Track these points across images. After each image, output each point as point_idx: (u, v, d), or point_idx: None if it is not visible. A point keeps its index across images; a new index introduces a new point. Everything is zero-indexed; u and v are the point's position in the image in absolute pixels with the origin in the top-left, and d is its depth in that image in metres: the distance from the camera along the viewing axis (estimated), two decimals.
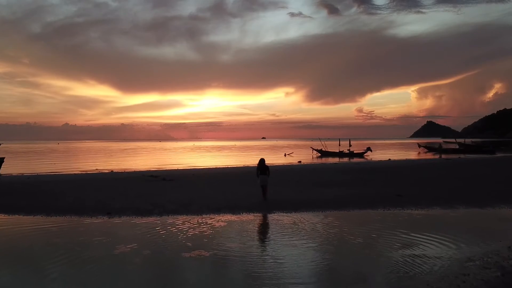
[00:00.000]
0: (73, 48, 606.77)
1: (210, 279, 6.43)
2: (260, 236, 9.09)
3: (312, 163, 37.47)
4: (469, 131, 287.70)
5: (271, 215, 11.27)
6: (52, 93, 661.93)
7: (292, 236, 8.79)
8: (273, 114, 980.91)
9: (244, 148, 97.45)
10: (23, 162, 44.69)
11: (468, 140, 76.02)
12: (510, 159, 38.67)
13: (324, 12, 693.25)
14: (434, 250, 7.72)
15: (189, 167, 32.89)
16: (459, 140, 70.55)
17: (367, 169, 25.55)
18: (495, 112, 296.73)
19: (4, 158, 30.69)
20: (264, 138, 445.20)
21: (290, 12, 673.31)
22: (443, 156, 46.49)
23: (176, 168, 32.32)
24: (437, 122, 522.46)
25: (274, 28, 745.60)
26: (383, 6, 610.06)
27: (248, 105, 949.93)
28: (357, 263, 7.11)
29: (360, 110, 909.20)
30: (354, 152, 50.02)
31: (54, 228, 9.94)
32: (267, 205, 12.50)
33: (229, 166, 34.08)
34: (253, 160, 12.48)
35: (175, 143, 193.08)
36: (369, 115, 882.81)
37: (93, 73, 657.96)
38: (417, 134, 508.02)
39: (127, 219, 10.85)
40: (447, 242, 8.27)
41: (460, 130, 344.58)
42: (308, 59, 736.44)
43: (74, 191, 15.68)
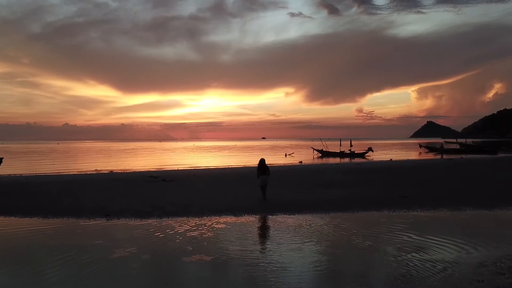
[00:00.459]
0: (73, 48, 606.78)
1: (211, 285, 6.15)
2: (263, 239, 8.80)
3: (313, 163, 37.17)
4: (469, 131, 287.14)
5: (274, 217, 10.99)
6: (52, 93, 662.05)
7: (296, 240, 8.51)
8: (273, 114, 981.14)
9: (244, 148, 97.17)
10: (23, 162, 44.43)
11: (469, 140, 75.67)
12: None
13: (324, 12, 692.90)
14: (445, 253, 7.44)
15: (189, 168, 32.61)
16: (460, 140, 70.29)
17: (369, 170, 25.27)
18: (495, 112, 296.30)
19: (2, 158, 30.43)
20: (264, 138, 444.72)
21: (290, 12, 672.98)
22: (444, 157, 46.20)
23: (176, 168, 32.03)
24: (437, 122, 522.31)
25: (274, 28, 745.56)
26: (383, 6, 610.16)
27: (248, 105, 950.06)
28: (366, 268, 6.83)
29: (360, 110, 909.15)
30: (355, 152, 49.71)
31: (50, 231, 9.65)
32: (268, 206, 12.22)
33: (229, 166, 33.81)
34: (254, 160, 12.32)
35: (175, 143, 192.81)
36: (369, 115, 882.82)
37: (93, 73, 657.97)
38: (417, 134, 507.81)
39: (126, 222, 10.57)
40: (457, 245, 7.99)
41: (460, 130, 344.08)
42: (308, 59, 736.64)
43: (73, 192, 15.40)
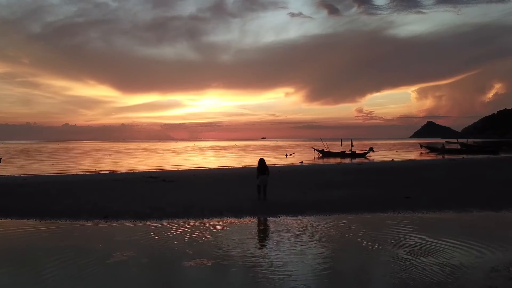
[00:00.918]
0: (73, 48, 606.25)
1: None
2: (265, 242, 8.50)
3: (315, 163, 36.93)
4: (469, 131, 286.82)
5: (276, 218, 10.72)
6: (52, 93, 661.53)
7: (301, 243, 8.22)
8: (273, 114, 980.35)
9: (245, 148, 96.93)
10: (22, 162, 44.20)
11: (470, 141, 75.43)
12: None
13: (324, 12, 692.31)
14: (455, 257, 7.16)
15: (190, 168, 32.35)
16: (461, 140, 70.10)
17: (371, 170, 25.02)
18: (495, 112, 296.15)
19: (1, 158, 30.20)
20: (264, 138, 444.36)
21: (290, 12, 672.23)
22: (446, 157, 45.95)
23: (176, 168, 31.79)
24: (437, 122, 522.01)
25: (274, 28, 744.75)
26: (383, 7, 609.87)
27: (248, 105, 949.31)
28: (378, 272, 6.55)
29: (360, 110, 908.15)
30: (356, 152, 49.47)
31: (46, 233, 9.37)
32: (270, 207, 11.95)
33: (230, 167, 33.57)
34: (255, 160, 12.24)
35: (175, 143, 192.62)
36: (369, 115, 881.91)
37: (93, 73, 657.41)
38: (417, 134, 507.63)
39: (125, 224, 10.30)
40: (466, 248, 7.72)
41: (460, 130, 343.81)
42: (308, 59, 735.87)
43: (71, 193, 15.15)
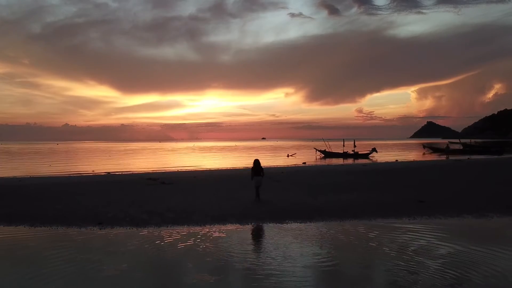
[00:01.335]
0: (73, 48, 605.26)
1: None
2: (276, 255, 7.56)
3: (318, 164, 36.15)
4: (470, 132, 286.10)
5: (284, 225, 9.95)
6: (52, 93, 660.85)
7: (313, 254, 7.44)
8: (273, 115, 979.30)
9: (245, 148, 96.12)
10: (19, 163, 43.46)
11: (472, 141, 74.64)
12: None
13: (325, 13, 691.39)
14: (496, 267, 6.40)
15: (190, 169, 31.57)
16: (463, 140, 69.26)
17: (377, 171, 24.23)
18: (496, 112, 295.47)
19: None
20: (264, 138, 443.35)
21: (290, 13, 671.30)
22: (450, 157, 45.16)
23: (176, 170, 31.00)
24: (437, 123, 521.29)
25: (274, 28, 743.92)
26: (384, 7, 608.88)
27: (248, 106, 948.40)
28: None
29: (360, 111, 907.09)
30: (359, 153, 48.70)
31: (33, 242, 8.61)
32: (277, 212, 11.17)
33: (231, 168, 32.80)
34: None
35: (175, 143, 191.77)
36: (369, 115, 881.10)
37: (93, 74, 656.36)
38: (417, 134, 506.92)
39: (120, 231, 9.53)
40: (505, 256, 6.97)
41: (460, 131, 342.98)
42: (308, 60, 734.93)
43: (65, 196, 14.37)
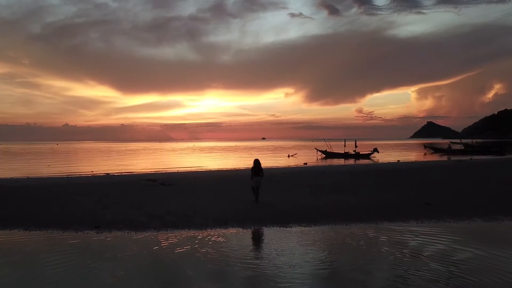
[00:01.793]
0: (73, 48, 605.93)
1: None
2: (280, 261, 7.17)
3: (319, 165, 35.77)
4: (470, 132, 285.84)
5: (288, 229, 9.58)
6: (52, 93, 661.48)
7: (322, 261, 7.06)
8: (273, 115, 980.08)
9: (246, 149, 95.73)
10: (18, 163, 43.12)
11: (474, 141, 74.30)
12: None
13: (325, 13, 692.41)
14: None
15: (190, 170, 31.20)
16: (464, 141, 68.89)
17: (380, 172, 23.87)
18: (496, 112, 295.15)
19: None
20: (264, 138, 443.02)
21: (290, 13, 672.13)
22: (452, 158, 44.78)
23: (176, 170, 30.64)
24: (437, 123, 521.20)
25: (274, 28, 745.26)
26: (384, 7, 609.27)
27: (248, 106, 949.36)
28: None
29: (360, 111, 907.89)
30: (360, 153, 48.30)
31: (28, 247, 8.24)
32: (280, 215, 10.81)
33: (232, 168, 32.43)
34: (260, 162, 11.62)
35: (175, 143, 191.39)
36: (369, 115, 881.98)
37: (93, 74, 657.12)
38: (417, 134, 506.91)
39: (118, 235, 9.17)
40: None
41: (460, 131, 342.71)
42: (308, 60, 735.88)
43: (63, 198, 14.00)
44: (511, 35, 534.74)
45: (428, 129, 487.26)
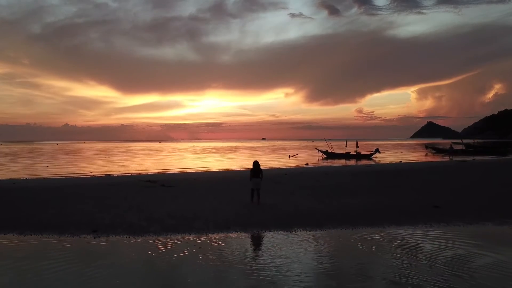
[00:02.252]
0: (73, 48, 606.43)
1: None
2: (288, 270, 6.72)
3: (321, 165, 35.42)
4: (470, 132, 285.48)
5: (293, 233, 9.21)
6: (52, 93, 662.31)
7: (333, 269, 6.66)
8: (273, 115, 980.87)
9: (246, 149, 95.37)
10: (17, 164, 42.79)
11: (475, 141, 73.89)
12: None
13: (325, 13, 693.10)
14: None
15: (190, 171, 30.83)
16: (466, 141, 68.54)
17: (383, 173, 23.52)
18: (496, 112, 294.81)
19: None
20: (264, 138, 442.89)
21: (290, 13, 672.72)
22: (454, 158, 44.44)
23: (176, 171, 30.27)
24: (437, 123, 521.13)
25: (274, 28, 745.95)
26: (384, 7, 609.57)
27: (248, 106, 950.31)
28: None
29: (360, 111, 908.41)
30: (362, 154, 47.94)
31: (21, 252, 7.87)
32: (283, 218, 10.45)
33: (233, 169, 32.06)
34: (261, 162, 11.28)
35: (175, 144, 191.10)
36: (369, 115, 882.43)
37: (93, 74, 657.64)
38: (417, 134, 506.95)
39: (116, 240, 8.81)
40: None
41: (460, 131, 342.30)
42: (308, 60, 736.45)
43: (60, 201, 13.65)
44: (511, 35, 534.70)
45: (428, 129, 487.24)
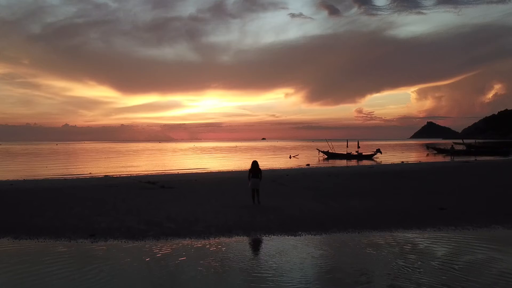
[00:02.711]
0: (73, 49, 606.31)
1: None
2: (293, 276, 6.41)
3: (322, 166, 35.12)
4: (470, 132, 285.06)
5: (297, 237, 8.89)
6: (52, 94, 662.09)
7: (340, 277, 6.31)
8: (273, 115, 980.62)
9: (247, 149, 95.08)
10: (16, 164, 42.52)
11: (477, 141, 73.55)
12: None
13: (325, 13, 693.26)
14: None
15: (191, 171, 30.51)
16: (467, 141, 68.22)
17: (386, 174, 23.19)
18: (496, 113, 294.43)
19: None
20: (264, 139, 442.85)
21: (290, 13, 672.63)
22: (456, 159, 44.15)
23: (177, 172, 29.96)
24: (437, 123, 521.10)
25: (274, 29, 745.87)
26: (384, 7, 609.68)
27: (248, 106, 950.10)
28: None
29: (360, 111, 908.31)
30: (363, 154, 47.63)
31: (14, 258, 7.55)
32: (287, 222, 10.14)
33: (234, 170, 31.74)
34: (262, 163, 11.02)
35: (175, 144, 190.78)
36: (369, 116, 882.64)
37: (93, 74, 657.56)
38: (417, 135, 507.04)
39: (114, 244, 8.49)
40: None
41: (460, 131, 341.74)
42: (308, 60, 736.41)
43: (57, 203, 13.34)
44: (511, 35, 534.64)
45: (428, 130, 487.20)
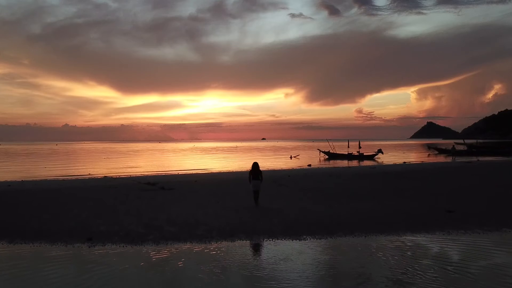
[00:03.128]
0: (73, 49, 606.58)
1: None
2: (299, 284, 6.10)
3: (324, 166, 34.80)
4: (470, 132, 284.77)
5: (302, 242, 8.57)
6: (52, 94, 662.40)
7: (350, 285, 6.03)
8: (273, 115, 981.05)
9: (247, 149, 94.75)
10: (15, 165, 42.20)
11: (478, 141, 73.26)
12: None
13: (325, 13, 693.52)
14: None
15: (191, 172, 30.19)
16: (468, 141, 67.94)
17: (388, 175, 22.85)
18: (496, 113, 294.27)
19: None
20: (264, 139, 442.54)
21: (290, 13, 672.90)
22: (457, 159, 43.84)
23: (177, 172, 29.65)
24: (437, 123, 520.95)
25: (274, 29, 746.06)
26: (384, 7, 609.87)
27: (248, 106, 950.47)
28: None
29: (360, 111, 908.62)
30: (364, 154, 47.31)
31: (8, 264, 7.24)
32: (291, 225, 9.83)
33: (236, 170, 31.41)
34: (263, 163, 10.81)
35: (175, 144, 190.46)
36: (369, 116, 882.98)
37: (93, 74, 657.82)
38: (417, 135, 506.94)
39: (112, 249, 8.18)
40: None
41: (460, 131, 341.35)
42: (308, 60, 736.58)
43: (55, 205, 13.03)
44: (511, 35, 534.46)
45: (428, 130, 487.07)
